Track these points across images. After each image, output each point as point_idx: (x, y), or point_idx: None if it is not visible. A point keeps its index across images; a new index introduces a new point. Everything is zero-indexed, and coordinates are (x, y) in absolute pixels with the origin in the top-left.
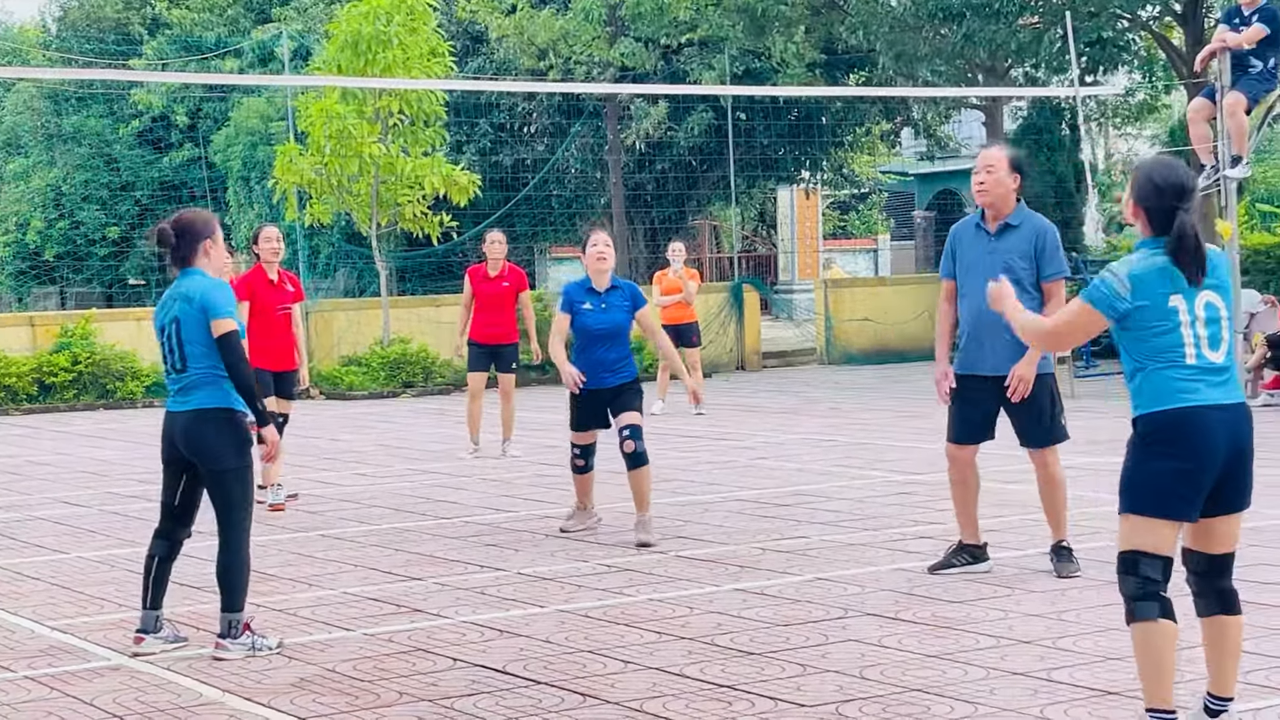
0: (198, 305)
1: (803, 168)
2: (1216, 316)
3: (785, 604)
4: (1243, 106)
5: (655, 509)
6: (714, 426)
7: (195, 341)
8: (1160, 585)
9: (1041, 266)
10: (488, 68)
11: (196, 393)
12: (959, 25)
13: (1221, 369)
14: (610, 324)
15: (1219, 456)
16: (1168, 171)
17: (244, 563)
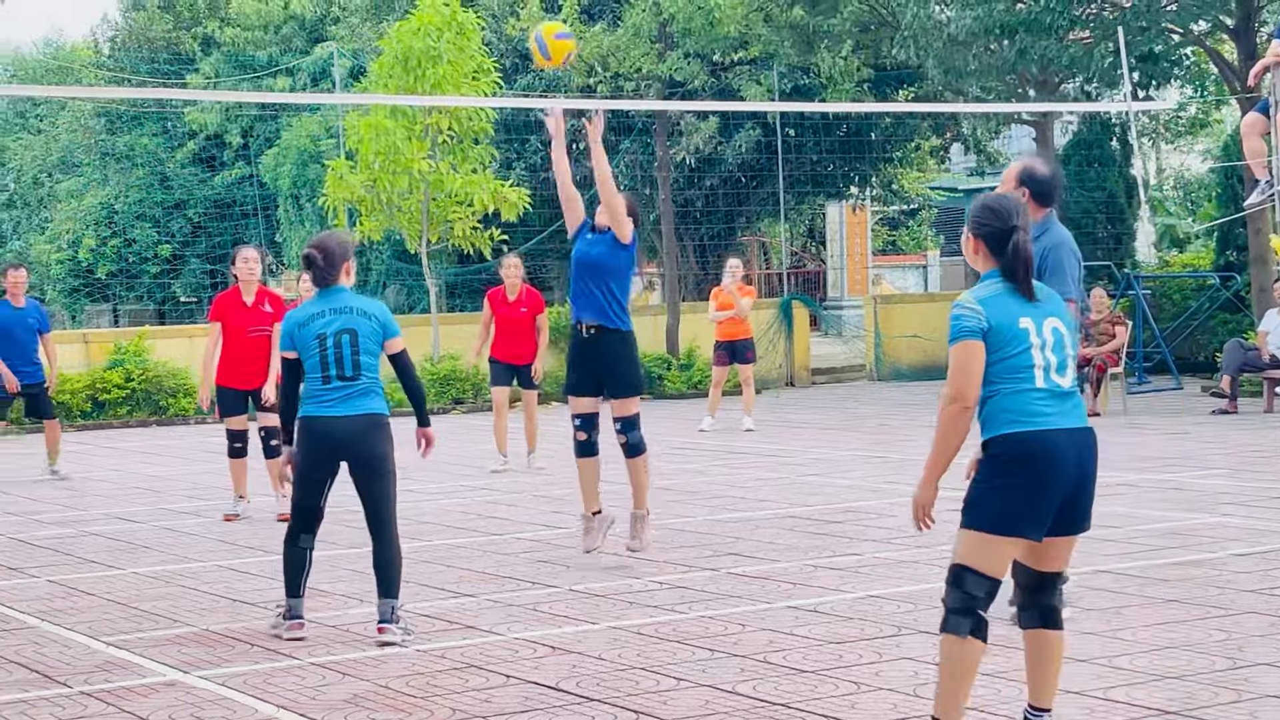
0: (378, 321)
1: (852, 183)
2: (1061, 341)
3: (838, 621)
4: None
5: (707, 525)
6: (764, 443)
7: (370, 353)
8: (980, 603)
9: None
10: (537, 84)
11: (368, 399)
12: (1011, 40)
13: (1068, 394)
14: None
15: (1067, 480)
16: (999, 199)
17: (400, 551)
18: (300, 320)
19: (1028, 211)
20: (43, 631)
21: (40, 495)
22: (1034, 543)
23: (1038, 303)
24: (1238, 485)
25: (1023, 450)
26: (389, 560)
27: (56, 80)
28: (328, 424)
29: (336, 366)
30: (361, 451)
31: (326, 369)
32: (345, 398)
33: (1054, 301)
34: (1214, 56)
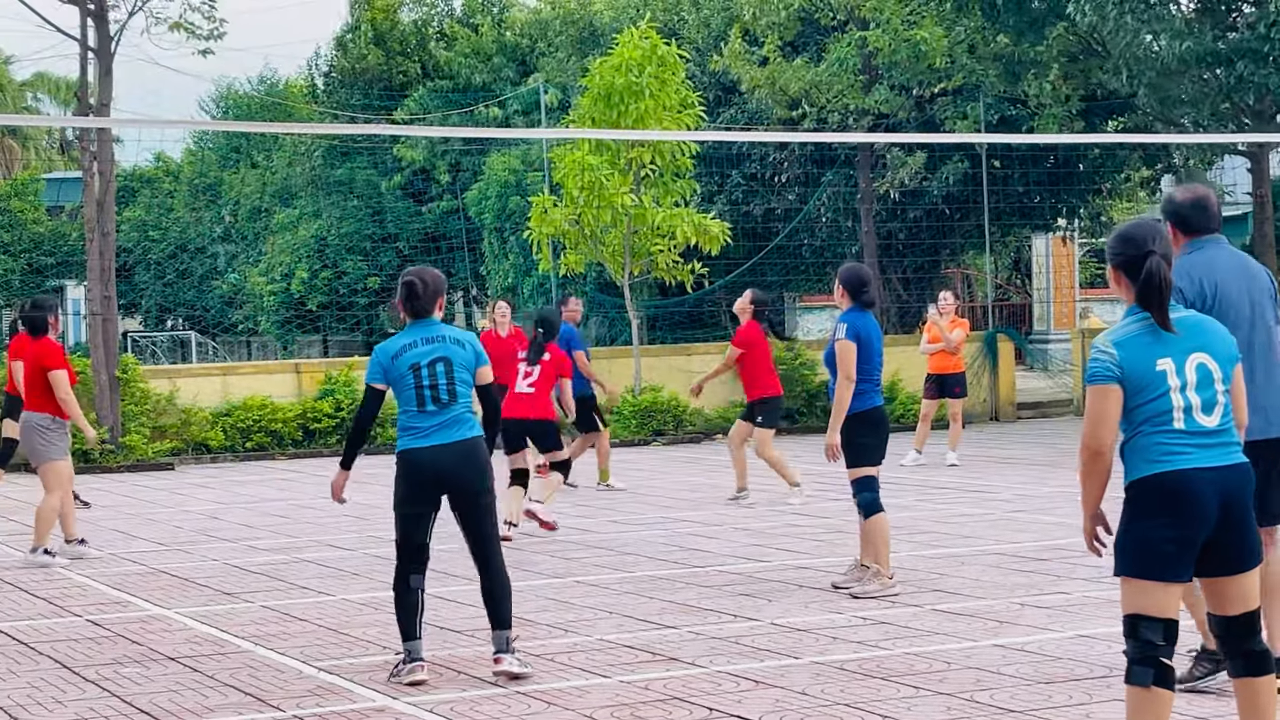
0: (472, 351)
1: (1059, 215)
2: (1210, 378)
3: (1047, 661)
4: None
5: (912, 561)
6: (968, 478)
7: (465, 381)
8: (1161, 650)
9: None
10: (740, 118)
11: (464, 425)
12: (1226, 69)
13: (1215, 432)
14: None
15: (1208, 519)
16: (1134, 225)
17: (509, 581)
18: (393, 351)
19: (1167, 237)
20: (256, 656)
21: (254, 522)
22: (1211, 588)
23: (1181, 336)
24: None
25: (1159, 491)
26: (499, 590)
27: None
28: (426, 454)
29: (432, 393)
30: (461, 481)
31: (423, 398)
32: (441, 426)
33: (1204, 333)
34: None
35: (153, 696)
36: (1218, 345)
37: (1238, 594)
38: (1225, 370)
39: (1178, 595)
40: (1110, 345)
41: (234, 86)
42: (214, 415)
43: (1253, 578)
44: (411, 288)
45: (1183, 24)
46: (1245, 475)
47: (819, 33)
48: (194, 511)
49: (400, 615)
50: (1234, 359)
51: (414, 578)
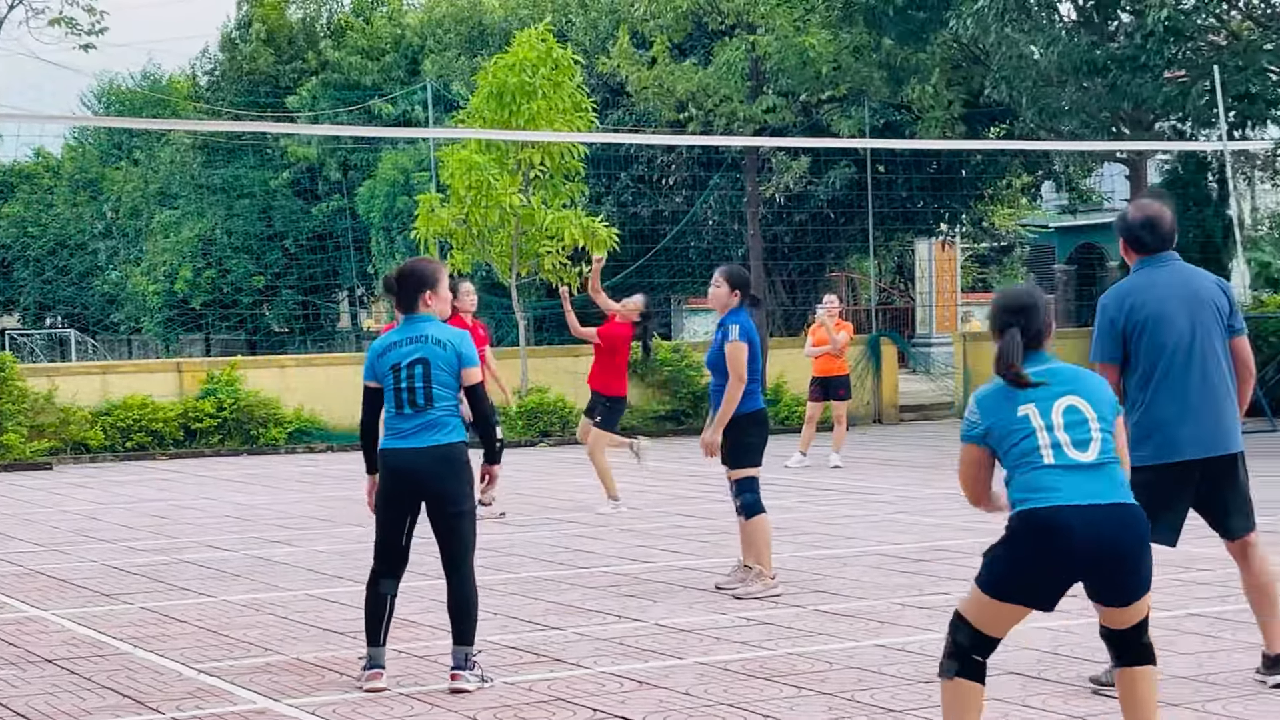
0: (453, 351)
1: (942, 220)
2: (1082, 419)
3: (927, 661)
4: None
5: (795, 562)
6: (851, 480)
7: (443, 384)
8: (969, 650)
9: None
10: (628, 120)
11: (440, 431)
12: (1103, 79)
13: (1089, 467)
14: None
15: (1083, 555)
16: (1002, 296)
17: (477, 596)
18: (379, 350)
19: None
20: (135, 658)
21: (134, 523)
22: (1099, 608)
23: (1048, 385)
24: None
25: (1028, 525)
26: (463, 605)
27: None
28: (399, 457)
29: (409, 396)
30: (433, 487)
31: (400, 400)
32: (417, 429)
33: (1077, 380)
34: None
35: (29, 699)
36: (1091, 391)
37: (1126, 617)
38: (1101, 412)
39: (1016, 616)
40: (973, 403)
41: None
42: (93, 414)
43: (1142, 603)
44: (387, 283)
45: (1062, 34)
46: (1124, 514)
47: (707, 36)
48: (72, 512)
49: (366, 619)
50: (1114, 407)
51: (385, 582)
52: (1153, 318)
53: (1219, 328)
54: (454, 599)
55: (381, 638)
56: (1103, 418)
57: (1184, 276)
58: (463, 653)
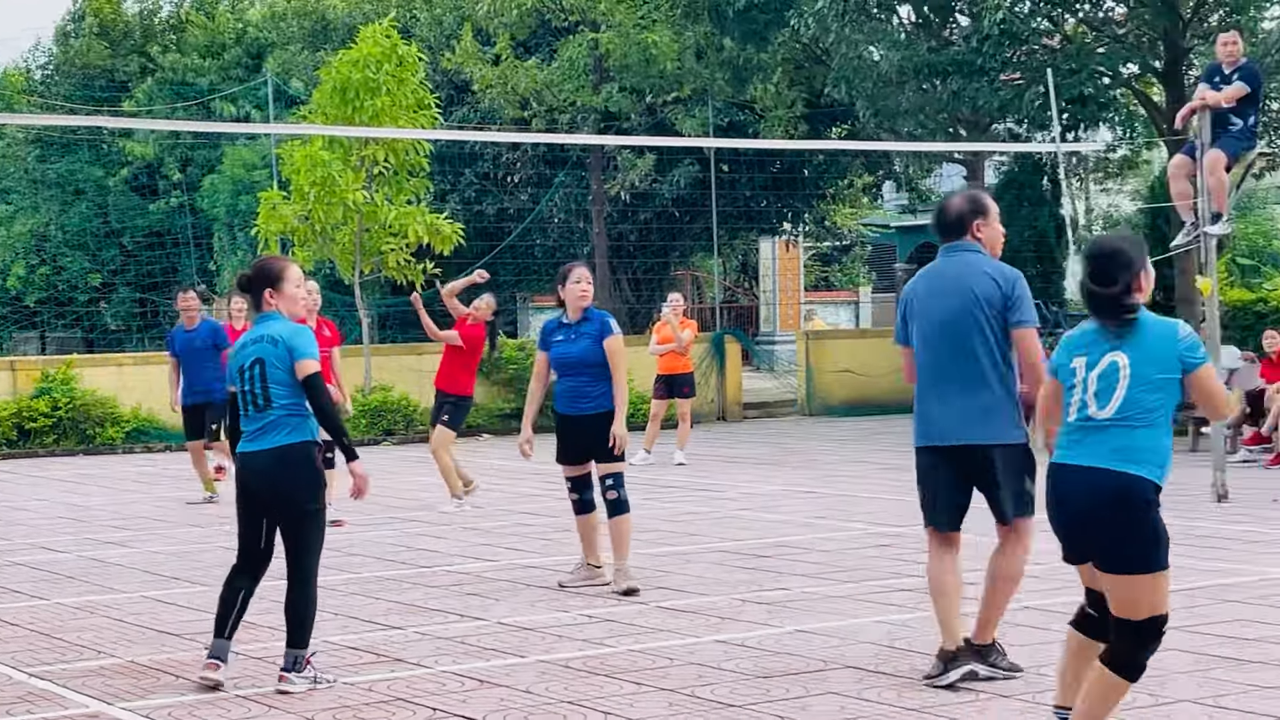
0: (284, 346)
1: (785, 219)
2: (1114, 374)
3: (766, 656)
4: (1223, 164)
5: (636, 559)
6: (695, 477)
7: (279, 382)
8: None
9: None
10: (472, 117)
11: (280, 431)
12: (942, 81)
13: (1094, 427)
14: (579, 353)
15: (1066, 512)
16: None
17: (315, 600)
18: (233, 353)
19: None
20: None
21: None
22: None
23: (1114, 340)
24: None
25: (1046, 479)
26: (298, 608)
27: None
28: (247, 459)
29: (251, 399)
30: (272, 489)
31: (244, 403)
32: (259, 431)
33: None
34: (1142, 99)
35: None
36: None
37: (1110, 590)
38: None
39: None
40: (1061, 341)
41: None
42: None
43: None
44: (239, 282)
45: (901, 37)
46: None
47: (551, 33)
48: None
49: (217, 610)
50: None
51: (240, 578)
52: (920, 306)
53: (986, 320)
54: (289, 600)
55: (226, 630)
56: (1135, 377)
57: (960, 268)
58: (293, 655)
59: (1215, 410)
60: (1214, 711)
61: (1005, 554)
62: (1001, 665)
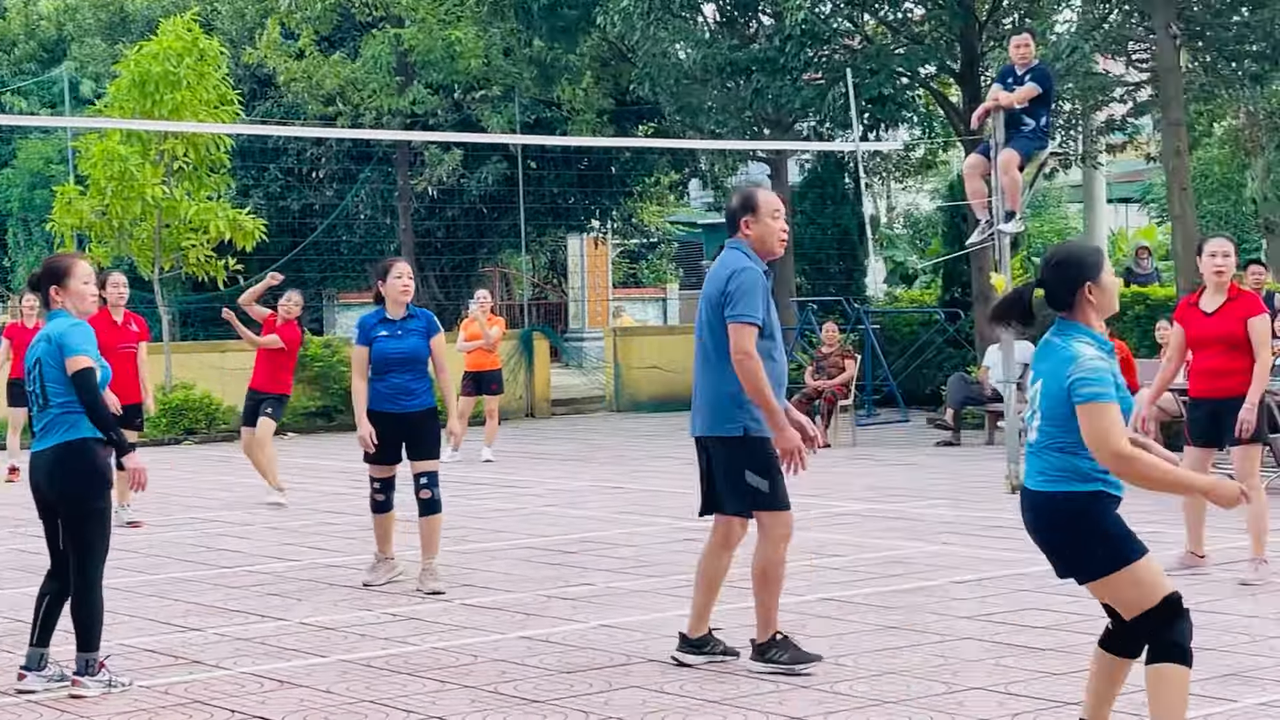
0: (55, 344)
1: (593, 216)
2: (1034, 403)
3: (570, 651)
4: (1016, 163)
5: (442, 557)
6: (502, 474)
7: (54, 380)
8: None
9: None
10: (276, 112)
11: (54, 431)
12: (745, 80)
13: (1032, 450)
14: (408, 349)
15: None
16: (1052, 250)
17: (101, 603)
18: (27, 352)
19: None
20: None
21: None
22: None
23: (1041, 359)
24: (959, 514)
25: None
26: (84, 610)
27: None
28: (32, 459)
29: (35, 399)
30: (51, 487)
31: (32, 402)
32: (41, 430)
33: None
34: (940, 100)
35: None
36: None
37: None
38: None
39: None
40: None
41: None
42: None
43: (1100, 588)
44: (31, 281)
45: (705, 35)
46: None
47: (356, 28)
48: None
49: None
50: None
51: (47, 582)
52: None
53: (716, 315)
54: (74, 604)
55: (35, 637)
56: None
57: (717, 266)
58: (84, 659)
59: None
60: (1005, 698)
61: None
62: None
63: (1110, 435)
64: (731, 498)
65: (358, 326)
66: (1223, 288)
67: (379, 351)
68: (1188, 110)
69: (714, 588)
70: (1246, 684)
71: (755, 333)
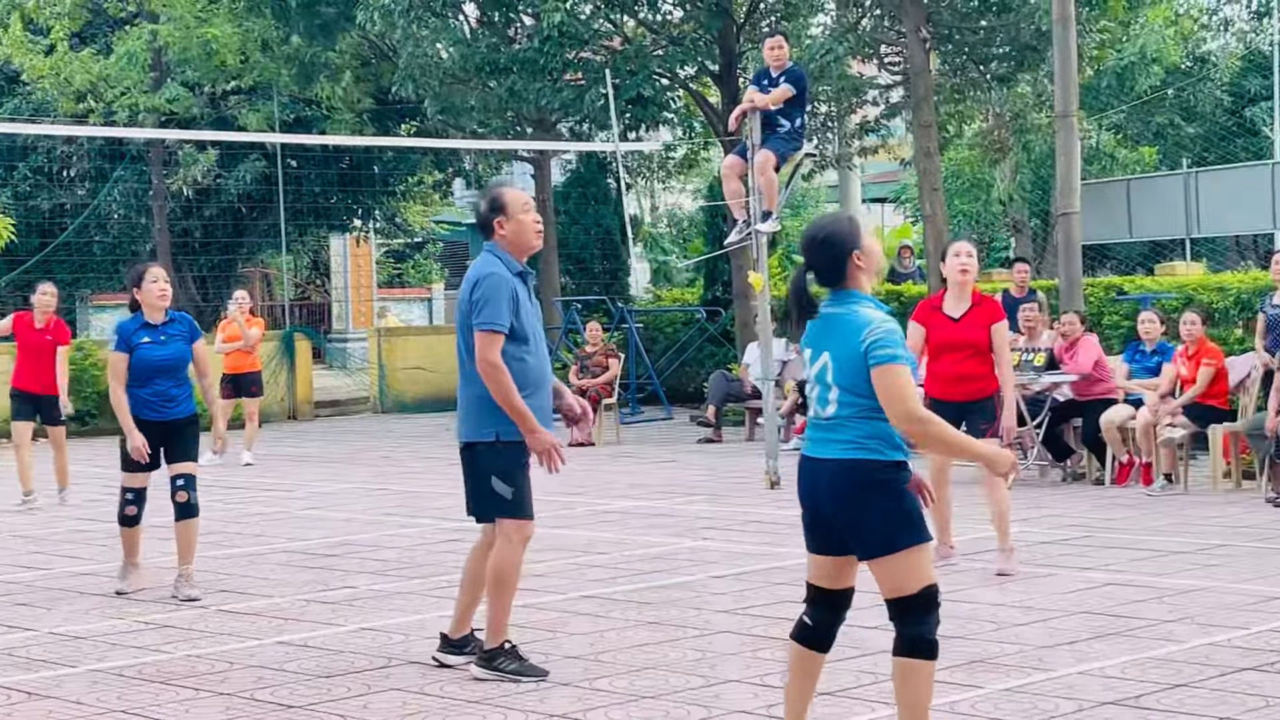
0: None
1: (355, 216)
2: (824, 378)
3: (328, 655)
4: (772, 163)
5: (200, 562)
6: (264, 477)
7: None
8: (807, 610)
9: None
10: (25, 109)
11: None
12: (506, 79)
13: (824, 425)
14: (172, 356)
15: (813, 503)
16: (810, 226)
17: None
18: None
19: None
20: None
21: None
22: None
23: (824, 334)
24: (718, 510)
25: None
26: None
27: None
28: None
29: None
30: None
31: None
32: None
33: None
34: (700, 100)
35: None
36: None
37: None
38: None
39: (818, 564)
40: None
41: None
42: None
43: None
44: None
45: (466, 34)
46: (839, 468)
47: (109, 25)
48: None
49: None
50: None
51: None
52: None
53: (467, 322)
54: None
55: None
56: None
57: (470, 269)
58: None
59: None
60: (760, 690)
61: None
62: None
63: (908, 396)
64: (477, 502)
65: (117, 332)
66: (966, 289)
67: (141, 359)
68: (938, 112)
69: (478, 589)
70: (992, 670)
71: (499, 340)
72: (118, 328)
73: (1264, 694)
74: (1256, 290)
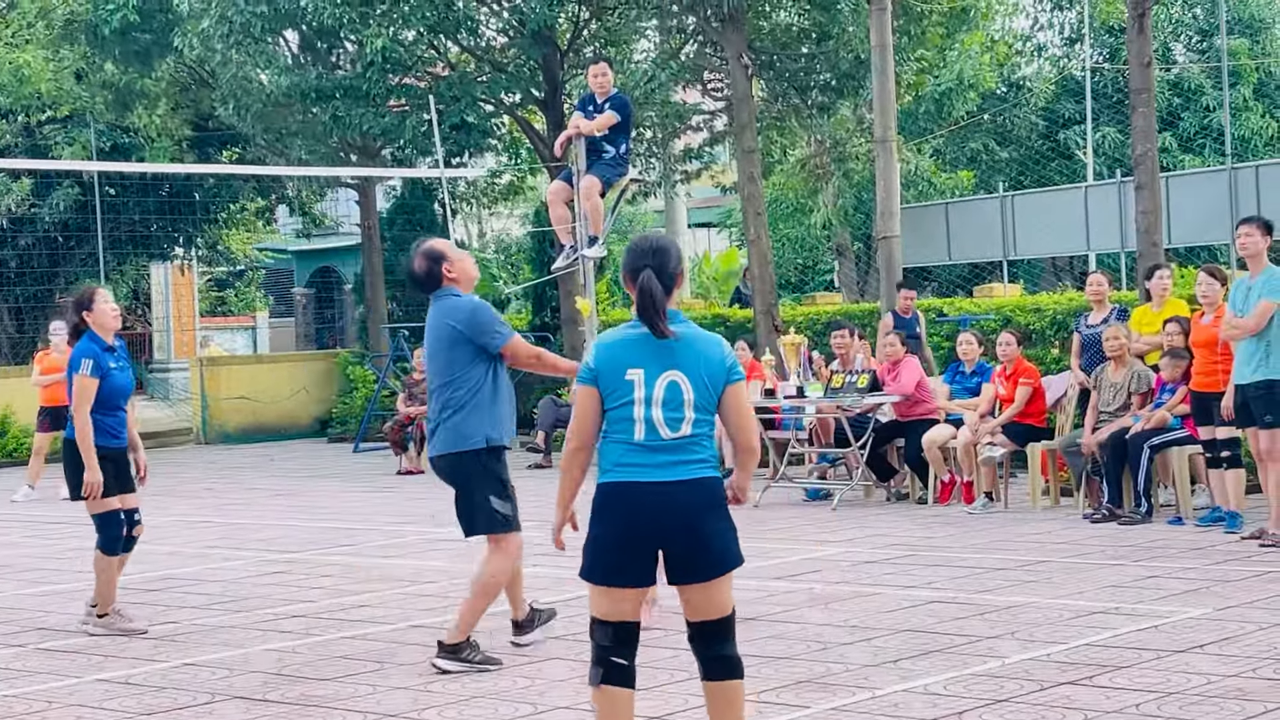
0: None
1: (176, 244)
2: (678, 399)
3: (149, 692)
4: (597, 189)
5: (17, 600)
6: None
7: None
8: (611, 650)
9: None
10: None
11: None
12: (328, 106)
13: (672, 447)
14: (130, 380)
15: (653, 531)
16: (641, 238)
17: None
18: None
19: (668, 252)
20: None
21: None
22: (681, 594)
23: (667, 352)
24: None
25: (605, 500)
26: None
27: None
28: None
29: None
30: None
31: None
32: None
33: (693, 351)
34: (525, 126)
35: None
36: (703, 366)
37: (696, 602)
38: (697, 392)
39: (628, 599)
40: (594, 346)
41: None
42: None
43: (713, 588)
44: None
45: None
46: (695, 490)
47: None
48: None
49: None
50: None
51: None
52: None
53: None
54: None
55: None
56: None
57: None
58: None
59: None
60: (590, 717)
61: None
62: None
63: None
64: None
65: (88, 356)
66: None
67: (113, 385)
68: (761, 138)
69: (518, 575)
70: (819, 690)
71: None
72: (87, 351)
73: (1082, 707)
74: (1072, 311)
